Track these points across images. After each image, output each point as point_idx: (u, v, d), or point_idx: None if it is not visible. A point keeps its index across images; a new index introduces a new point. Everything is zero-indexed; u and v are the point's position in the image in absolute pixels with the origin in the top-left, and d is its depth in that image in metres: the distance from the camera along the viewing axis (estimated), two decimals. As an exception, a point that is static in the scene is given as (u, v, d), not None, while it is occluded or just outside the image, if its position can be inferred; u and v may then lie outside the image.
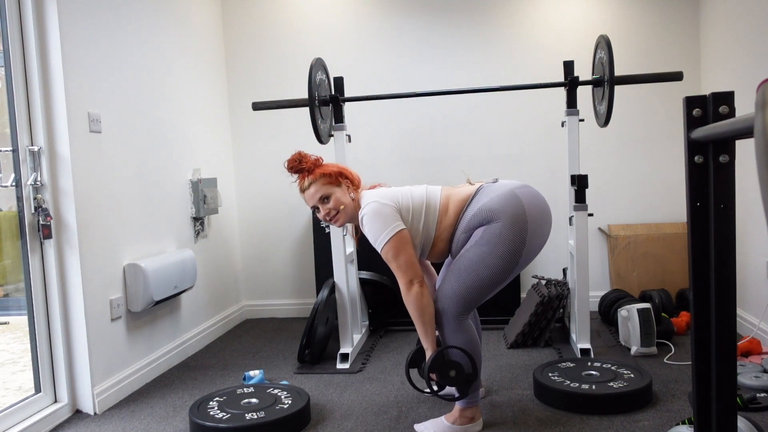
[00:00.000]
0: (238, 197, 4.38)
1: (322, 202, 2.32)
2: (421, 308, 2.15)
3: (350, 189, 2.34)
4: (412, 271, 2.16)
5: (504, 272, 2.16)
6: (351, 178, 2.36)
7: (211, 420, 2.32)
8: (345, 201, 2.32)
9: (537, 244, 2.19)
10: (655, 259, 3.97)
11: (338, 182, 2.33)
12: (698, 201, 1.22)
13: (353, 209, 2.33)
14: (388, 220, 2.18)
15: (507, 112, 4.13)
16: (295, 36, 4.25)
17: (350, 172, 2.38)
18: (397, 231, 2.17)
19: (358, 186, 2.38)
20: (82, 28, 2.71)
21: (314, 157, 2.38)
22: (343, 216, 2.33)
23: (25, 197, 2.51)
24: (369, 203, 2.23)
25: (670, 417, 2.34)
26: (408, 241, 2.19)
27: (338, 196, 2.31)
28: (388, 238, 2.16)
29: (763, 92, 0.85)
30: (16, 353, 3.18)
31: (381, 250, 2.19)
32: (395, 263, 2.17)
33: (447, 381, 2.14)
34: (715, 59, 3.76)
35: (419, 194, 2.28)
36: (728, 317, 1.22)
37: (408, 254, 2.17)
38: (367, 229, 2.22)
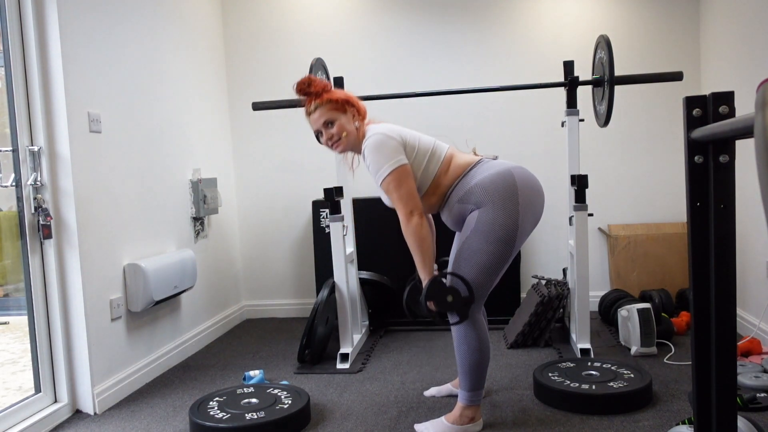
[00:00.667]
0: (238, 197, 4.38)
1: (326, 127, 2.33)
2: (420, 238, 2.15)
3: (355, 118, 2.33)
4: (413, 202, 2.17)
5: (503, 256, 2.17)
6: (357, 107, 2.35)
7: (211, 420, 2.32)
8: (348, 128, 2.32)
9: (530, 222, 2.21)
10: (655, 259, 3.97)
11: (344, 109, 2.32)
12: (698, 201, 1.22)
13: (356, 138, 2.33)
14: (391, 153, 2.18)
15: (507, 112, 4.13)
16: (295, 36, 4.25)
17: (357, 102, 2.36)
18: (401, 164, 2.17)
19: (364, 117, 2.37)
20: (82, 28, 2.71)
21: (323, 82, 2.36)
22: (344, 142, 2.33)
23: (25, 197, 2.51)
24: (374, 134, 2.23)
25: (670, 417, 2.34)
26: (410, 175, 2.19)
27: (342, 122, 2.31)
28: (390, 171, 2.16)
29: (763, 92, 0.85)
30: (16, 353, 3.18)
31: (381, 183, 2.19)
32: (396, 194, 2.17)
33: (445, 306, 2.11)
34: (715, 59, 3.76)
35: (427, 141, 2.29)
36: (728, 317, 1.22)
37: (409, 186, 2.17)
38: (369, 160, 2.21)
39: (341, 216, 3.11)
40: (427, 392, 2.71)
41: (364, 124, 2.35)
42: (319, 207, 3.99)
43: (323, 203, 3.94)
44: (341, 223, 3.10)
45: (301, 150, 4.26)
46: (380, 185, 2.21)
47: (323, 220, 3.97)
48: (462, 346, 2.24)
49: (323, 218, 3.97)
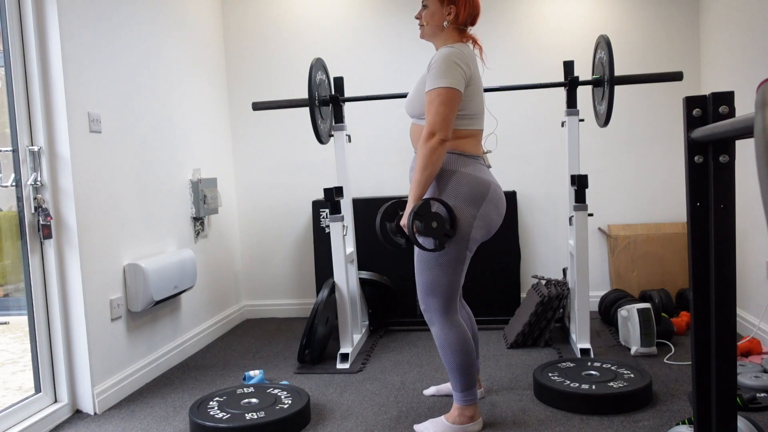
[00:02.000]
0: (238, 197, 4.38)
1: (423, 6, 2.32)
2: (431, 161, 2.12)
3: (450, 17, 2.27)
4: (442, 125, 2.11)
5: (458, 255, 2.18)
6: (458, 10, 2.27)
7: (211, 420, 2.32)
8: (434, 21, 2.28)
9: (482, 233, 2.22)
10: (655, 259, 3.97)
11: (444, 2, 2.27)
12: (698, 201, 1.22)
13: (440, 36, 2.30)
14: (458, 74, 2.14)
15: (507, 112, 4.13)
16: (295, 36, 4.25)
17: (464, 5, 2.27)
18: (456, 86, 2.13)
19: (462, 22, 2.29)
20: (82, 28, 2.71)
21: None
22: (424, 30, 2.32)
23: (25, 197, 2.51)
24: (457, 49, 2.18)
25: (670, 417, 2.34)
26: (457, 103, 2.15)
27: (432, 11, 2.28)
28: (445, 85, 2.12)
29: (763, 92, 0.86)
30: (16, 353, 3.18)
31: (431, 90, 2.13)
32: (434, 109, 2.12)
33: (428, 231, 2.10)
34: (715, 59, 3.76)
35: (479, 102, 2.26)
36: (728, 317, 1.22)
37: (450, 111, 2.12)
38: (436, 64, 2.16)
39: (341, 216, 3.11)
40: (427, 391, 2.71)
41: (456, 31, 2.29)
42: (319, 207, 3.99)
43: (323, 203, 3.94)
44: (341, 223, 3.10)
45: (301, 150, 4.26)
46: (428, 91, 2.15)
47: (323, 220, 3.97)
48: (445, 348, 2.25)
49: (323, 218, 3.97)
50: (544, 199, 4.13)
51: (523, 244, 4.09)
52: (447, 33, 2.30)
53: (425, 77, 2.21)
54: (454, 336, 2.23)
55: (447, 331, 2.23)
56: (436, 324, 2.25)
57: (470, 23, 2.33)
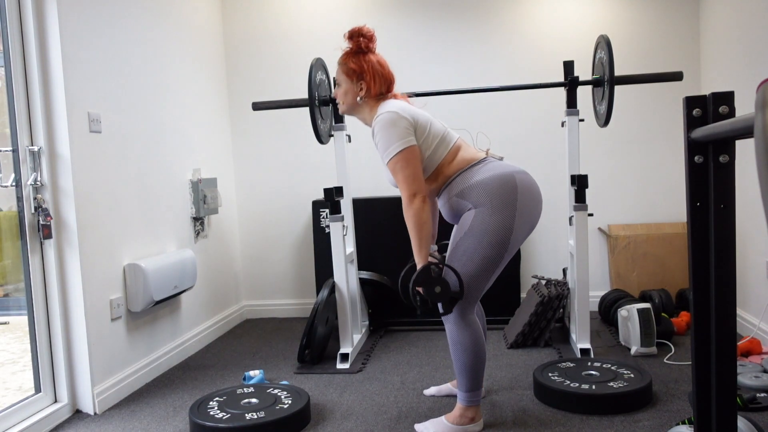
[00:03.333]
0: (238, 197, 4.38)
1: (336, 84, 2.41)
2: (420, 223, 2.15)
3: (363, 92, 2.34)
4: (417, 185, 2.16)
5: (496, 259, 2.17)
6: (369, 84, 2.33)
7: (211, 420, 2.32)
8: (347, 100, 2.38)
9: (525, 229, 2.21)
10: (655, 259, 3.97)
11: (353, 78, 2.35)
12: (698, 201, 1.22)
13: (360, 109, 2.38)
14: (401, 133, 2.18)
15: (507, 112, 4.14)
16: (295, 36, 4.25)
17: (372, 77, 2.33)
18: (408, 145, 2.17)
19: (375, 95, 2.34)
20: (82, 28, 2.71)
21: (364, 43, 2.37)
22: (343, 107, 2.42)
23: (25, 197, 2.51)
24: (386, 112, 2.22)
25: (670, 417, 2.34)
26: (417, 157, 2.19)
27: (345, 89, 2.38)
28: (398, 150, 2.16)
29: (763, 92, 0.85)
30: (16, 353, 3.18)
31: (388, 162, 2.19)
32: (401, 175, 2.17)
33: (432, 296, 2.11)
34: (715, 59, 3.77)
35: (438, 126, 2.29)
36: (728, 317, 1.22)
37: (415, 168, 2.17)
38: (378, 137, 2.21)
39: (341, 216, 3.11)
40: (427, 391, 2.71)
41: (374, 101, 2.34)
42: (319, 207, 3.99)
43: (323, 203, 3.94)
44: (341, 223, 3.10)
45: (301, 150, 4.26)
46: (386, 164, 2.20)
47: (323, 220, 3.97)
48: (456, 347, 2.24)
49: (323, 218, 3.97)
50: (544, 199, 4.10)
51: (524, 244, 4.08)
52: (366, 105, 2.37)
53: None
54: (467, 336, 2.22)
55: (461, 329, 2.22)
56: (450, 321, 2.23)
57: (386, 91, 2.38)
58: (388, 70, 2.39)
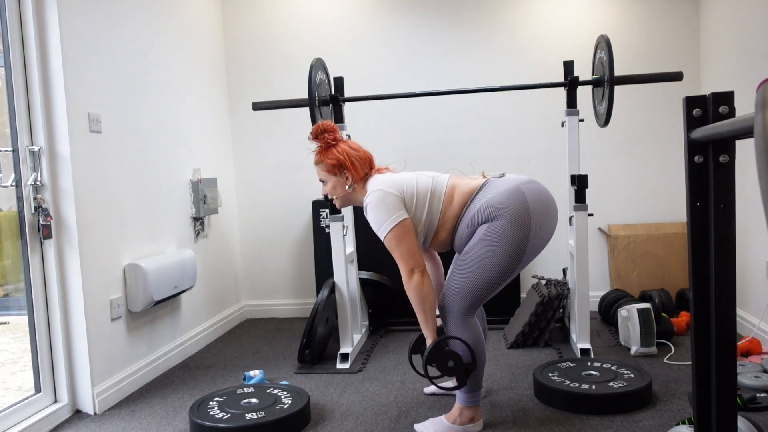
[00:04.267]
0: (238, 197, 4.38)
1: (322, 183, 2.45)
2: (422, 297, 2.17)
3: (350, 180, 2.37)
4: (413, 260, 2.19)
5: (507, 270, 2.16)
6: (353, 171, 2.35)
7: (211, 420, 2.32)
8: (337, 192, 2.42)
9: (541, 240, 2.20)
10: (655, 259, 3.97)
11: (336, 172, 2.38)
12: (698, 201, 1.22)
13: (354, 196, 2.40)
14: (390, 209, 2.20)
15: (507, 112, 4.13)
16: (295, 36, 4.25)
17: (352, 163, 2.35)
18: (399, 221, 2.19)
19: (361, 177, 2.37)
20: (82, 28, 2.71)
21: (330, 137, 2.39)
22: (338, 202, 2.45)
23: (25, 197, 2.51)
24: (373, 192, 2.25)
25: (670, 417, 2.34)
26: (410, 230, 2.21)
27: (332, 185, 2.41)
28: (390, 228, 2.19)
29: (763, 92, 0.85)
30: (16, 353, 3.18)
31: (384, 239, 2.23)
32: (397, 252, 2.20)
33: (445, 371, 2.14)
34: (715, 59, 3.77)
35: (424, 183, 2.29)
36: (728, 317, 1.22)
37: (410, 243, 2.19)
38: (370, 217, 2.25)
39: (341, 216, 3.11)
40: (427, 389, 2.72)
41: (362, 183, 2.37)
42: (319, 207, 3.99)
43: (323, 203, 3.94)
44: (341, 223, 3.10)
45: (301, 150, 4.23)
46: (383, 241, 2.24)
47: (323, 220, 3.97)
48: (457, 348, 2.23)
49: (323, 218, 3.97)
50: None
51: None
52: (358, 189, 2.38)
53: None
54: (467, 337, 2.21)
55: (462, 331, 2.21)
56: (450, 322, 2.23)
57: (369, 169, 2.40)
58: (363, 151, 2.41)
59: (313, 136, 2.42)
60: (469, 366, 2.15)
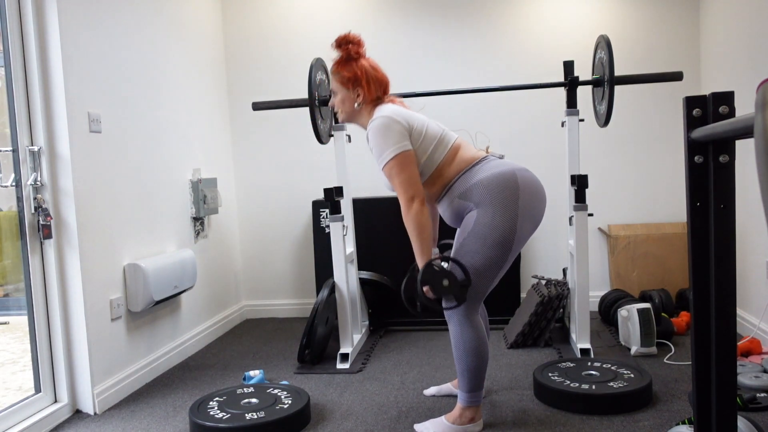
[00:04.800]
0: (238, 197, 4.38)
1: (332, 94, 2.40)
2: (420, 225, 2.14)
3: (360, 98, 2.33)
4: (414, 188, 2.16)
5: (500, 260, 2.17)
6: (365, 90, 2.32)
7: (211, 420, 2.32)
8: (345, 107, 2.38)
9: (529, 227, 2.20)
10: (655, 259, 3.97)
11: (348, 86, 2.34)
12: (698, 201, 1.22)
13: (359, 115, 2.37)
14: (395, 138, 2.17)
15: (507, 112, 4.13)
16: (295, 36, 4.25)
17: (367, 82, 2.32)
18: (403, 150, 2.16)
19: (372, 100, 2.34)
20: (82, 28, 2.71)
21: (352, 50, 2.34)
22: (342, 116, 2.42)
23: (25, 197, 2.51)
24: (380, 117, 2.21)
25: (670, 417, 2.34)
26: (413, 161, 2.18)
27: (341, 98, 2.37)
28: (393, 155, 2.16)
29: (763, 92, 0.85)
30: (16, 353, 3.18)
31: (384, 167, 2.19)
32: (397, 179, 2.17)
33: (442, 291, 2.10)
34: (715, 59, 3.77)
35: (434, 128, 2.28)
36: (728, 317, 1.22)
37: (411, 172, 2.17)
38: (372, 143, 2.21)
39: (341, 216, 3.11)
40: (427, 391, 2.71)
41: (371, 106, 2.34)
42: (319, 207, 3.99)
43: (323, 203, 3.94)
44: (341, 223, 3.10)
45: (301, 150, 4.26)
46: (382, 169, 2.20)
47: (323, 220, 3.97)
48: (459, 347, 2.23)
49: (323, 218, 3.97)
50: (545, 199, 4.12)
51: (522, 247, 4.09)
52: (364, 110, 2.36)
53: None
54: (470, 336, 2.21)
55: (465, 330, 2.21)
56: (454, 322, 2.22)
57: (383, 93, 2.37)
58: (381, 73, 2.38)
59: (337, 44, 2.35)
60: (465, 282, 2.11)
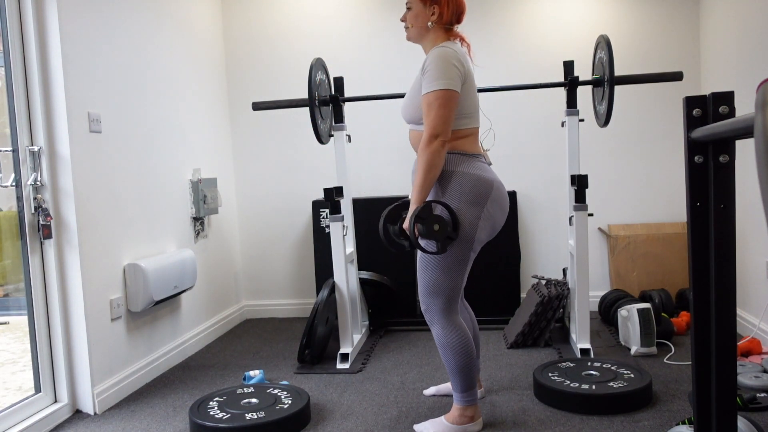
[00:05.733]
0: (238, 197, 4.38)
1: (407, 7, 2.33)
2: (432, 164, 2.11)
3: (434, 17, 2.27)
4: (443, 127, 2.11)
5: (463, 257, 2.18)
6: (442, 10, 2.26)
7: (211, 420, 2.32)
8: (417, 22, 2.29)
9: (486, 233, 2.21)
10: (655, 259, 3.97)
11: (426, 3, 2.27)
12: (698, 201, 1.22)
13: (426, 37, 2.32)
14: (454, 74, 2.13)
15: (507, 112, 4.13)
16: (295, 36, 4.25)
17: (445, 3, 2.26)
18: (453, 87, 2.12)
19: (447, 21, 2.28)
20: (82, 28, 2.71)
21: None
22: (409, 32, 2.34)
23: (25, 197, 2.51)
24: (449, 48, 2.18)
25: (670, 417, 2.34)
26: (456, 103, 2.14)
27: (416, 12, 2.29)
28: (443, 87, 2.11)
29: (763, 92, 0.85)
30: (16, 353, 3.18)
31: (428, 93, 2.13)
32: (435, 113, 2.11)
33: (430, 234, 2.09)
34: (715, 59, 3.76)
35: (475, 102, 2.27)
36: (728, 317, 1.22)
37: (449, 111, 2.12)
38: (430, 66, 2.15)
39: (341, 216, 3.11)
40: (427, 391, 2.71)
41: (442, 31, 2.29)
42: (319, 207, 3.99)
43: (323, 203, 3.94)
44: (341, 223, 3.10)
45: (301, 150, 4.26)
46: (425, 94, 2.15)
47: (323, 220, 3.97)
48: (445, 350, 2.24)
49: (323, 218, 3.97)
50: (544, 199, 4.13)
51: (523, 244, 4.09)
52: (433, 33, 2.30)
53: (419, 80, 2.20)
54: (454, 337, 2.22)
55: (448, 332, 2.23)
56: (436, 324, 2.24)
57: (456, 21, 2.31)
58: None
59: None
60: (452, 234, 2.12)
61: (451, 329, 2.22)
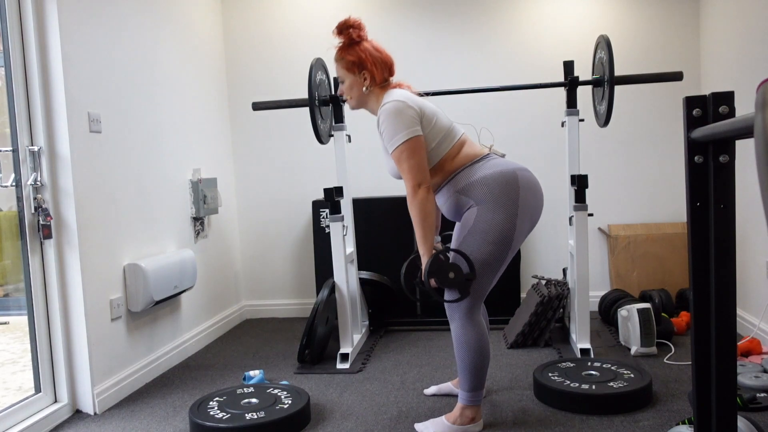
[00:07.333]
0: (238, 197, 4.38)
1: (340, 81, 2.40)
2: (425, 213, 2.14)
3: (368, 82, 2.33)
4: (421, 175, 2.15)
5: (500, 257, 2.17)
6: (372, 73, 2.32)
7: (211, 420, 2.32)
8: (353, 93, 2.37)
9: (527, 225, 2.21)
10: (655, 259, 3.97)
11: (355, 71, 2.33)
12: (698, 201, 1.22)
13: (368, 100, 2.36)
14: (407, 122, 2.16)
15: (507, 112, 4.13)
16: (295, 36, 4.25)
17: (373, 64, 2.32)
18: (415, 135, 2.16)
19: (380, 82, 2.34)
20: (82, 28, 2.71)
21: (354, 34, 2.35)
22: (352, 102, 2.41)
23: (25, 197, 2.51)
24: (392, 101, 2.21)
25: (670, 417, 2.34)
26: (423, 147, 2.17)
27: (350, 84, 2.36)
28: (403, 140, 2.15)
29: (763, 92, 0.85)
30: (16, 353, 3.18)
31: (393, 151, 2.17)
32: (406, 164, 2.16)
33: (447, 283, 2.10)
34: (715, 59, 3.77)
35: (444, 120, 2.28)
36: (728, 317, 1.22)
37: (420, 158, 2.16)
38: (383, 126, 2.20)
39: (341, 216, 3.11)
40: (427, 391, 2.71)
41: (380, 89, 2.34)
42: (319, 207, 3.99)
43: (323, 203, 3.94)
44: (341, 223, 3.10)
45: (301, 150, 4.26)
46: (391, 153, 2.19)
47: (323, 220, 3.97)
48: (462, 346, 2.23)
49: (323, 218, 3.97)
50: (544, 198, 4.12)
51: (524, 244, 4.09)
52: (373, 95, 2.36)
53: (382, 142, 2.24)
54: (473, 335, 2.21)
55: (468, 329, 2.21)
56: (457, 320, 2.22)
57: (389, 75, 2.38)
58: (385, 53, 2.38)
59: (338, 31, 2.36)
60: (470, 275, 2.11)
61: (471, 326, 2.21)
